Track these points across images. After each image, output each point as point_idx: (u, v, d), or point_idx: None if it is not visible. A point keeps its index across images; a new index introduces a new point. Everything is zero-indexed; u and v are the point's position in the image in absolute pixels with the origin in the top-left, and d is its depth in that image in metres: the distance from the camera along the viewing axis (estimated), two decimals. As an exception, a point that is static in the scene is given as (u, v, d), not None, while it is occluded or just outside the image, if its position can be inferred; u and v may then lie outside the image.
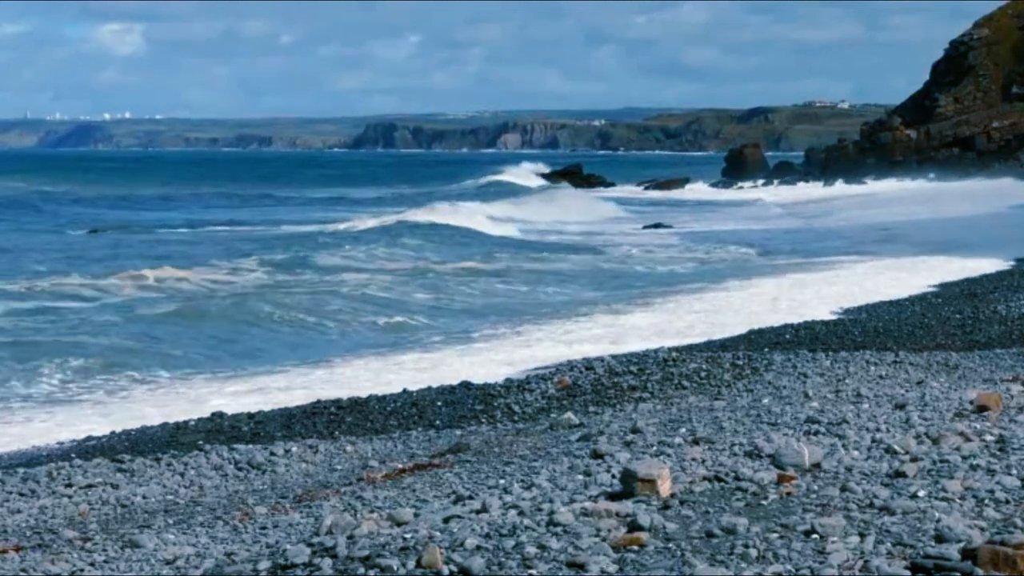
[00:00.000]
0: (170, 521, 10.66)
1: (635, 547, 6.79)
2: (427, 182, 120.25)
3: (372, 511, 9.47)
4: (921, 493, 7.58)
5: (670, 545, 6.81)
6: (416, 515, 8.27)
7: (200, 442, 14.49)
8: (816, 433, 10.24)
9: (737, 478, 8.22)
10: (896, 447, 8.98)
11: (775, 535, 6.85)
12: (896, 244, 43.28)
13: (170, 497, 11.97)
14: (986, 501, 7.38)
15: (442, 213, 58.65)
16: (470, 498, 9.03)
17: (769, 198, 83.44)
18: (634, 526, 7.08)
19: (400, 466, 12.28)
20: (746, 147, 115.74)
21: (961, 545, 6.33)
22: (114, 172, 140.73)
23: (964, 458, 8.54)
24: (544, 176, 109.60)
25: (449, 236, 48.85)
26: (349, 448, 13.84)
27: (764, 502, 7.65)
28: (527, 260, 40.04)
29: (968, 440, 9.18)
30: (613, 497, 7.91)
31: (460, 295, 30.91)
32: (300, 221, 63.54)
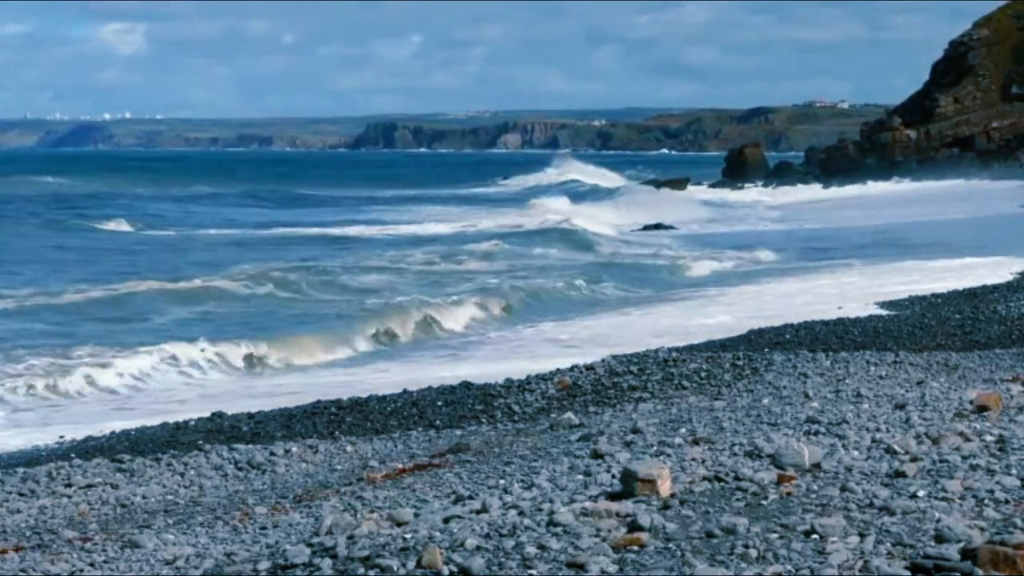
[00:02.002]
0: (170, 521, 10.66)
1: (635, 547, 6.79)
2: (470, 181, 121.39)
3: (372, 511, 9.47)
4: (921, 493, 7.58)
5: (670, 545, 6.80)
6: (416, 515, 8.27)
7: (200, 442, 14.49)
8: (816, 433, 10.24)
9: (737, 478, 8.22)
10: (896, 447, 8.98)
11: (775, 535, 6.84)
12: (897, 247, 43.29)
13: (170, 497, 11.97)
14: (986, 501, 7.38)
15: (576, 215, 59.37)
16: (470, 498, 9.02)
17: (769, 199, 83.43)
18: (634, 526, 7.08)
19: (400, 466, 12.28)
20: (746, 147, 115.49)
21: (961, 545, 6.33)
22: (149, 171, 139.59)
23: (964, 458, 8.53)
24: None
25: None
26: (349, 448, 13.84)
27: (764, 502, 7.65)
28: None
29: (968, 440, 9.18)
30: (613, 497, 7.91)
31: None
32: (401, 221, 64.40)
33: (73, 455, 14.21)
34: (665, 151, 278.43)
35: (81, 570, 8.87)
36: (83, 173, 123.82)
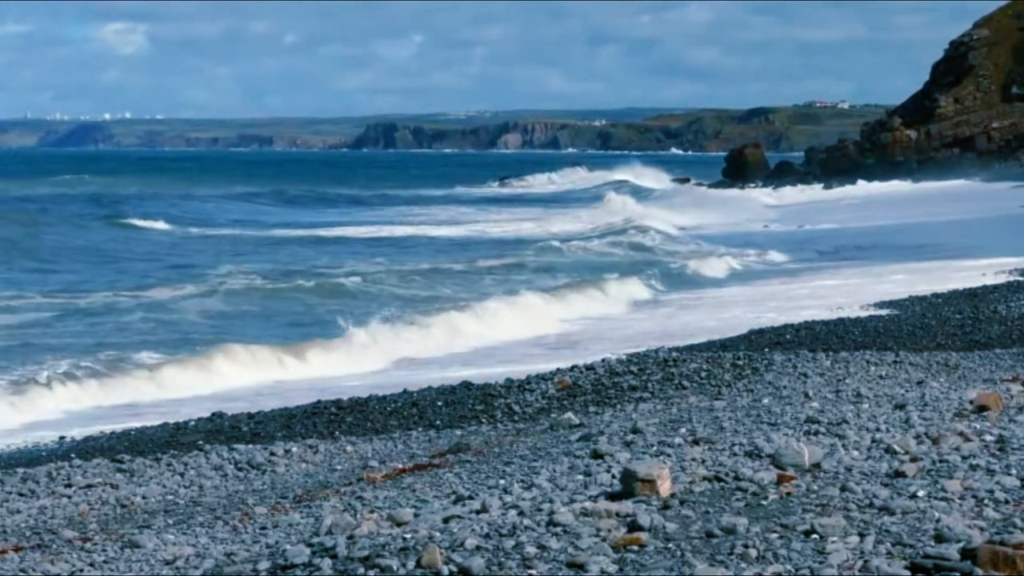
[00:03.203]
0: (170, 521, 10.66)
1: (635, 547, 6.79)
2: (495, 180, 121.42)
3: (372, 511, 9.47)
4: (921, 493, 7.58)
5: (670, 545, 6.81)
6: (416, 515, 8.27)
7: (200, 442, 14.49)
8: (816, 433, 10.24)
9: (737, 478, 8.22)
10: (896, 447, 8.98)
11: (775, 535, 6.85)
12: (897, 247, 43.29)
13: (170, 497, 11.97)
14: (986, 501, 7.38)
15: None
16: (470, 498, 9.02)
17: (769, 200, 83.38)
18: (634, 526, 7.09)
19: (400, 466, 12.28)
20: (746, 147, 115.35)
21: (961, 545, 6.33)
22: (179, 171, 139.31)
23: (964, 458, 8.54)
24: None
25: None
26: (349, 448, 13.84)
27: (764, 502, 7.65)
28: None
29: (968, 440, 9.18)
30: (613, 497, 7.91)
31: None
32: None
33: (73, 455, 14.20)
34: (678, 151, 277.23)
35: (81, 570, 8.87)
36: (109, 173, 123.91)
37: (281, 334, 24.62)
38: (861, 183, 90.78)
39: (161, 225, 56.43)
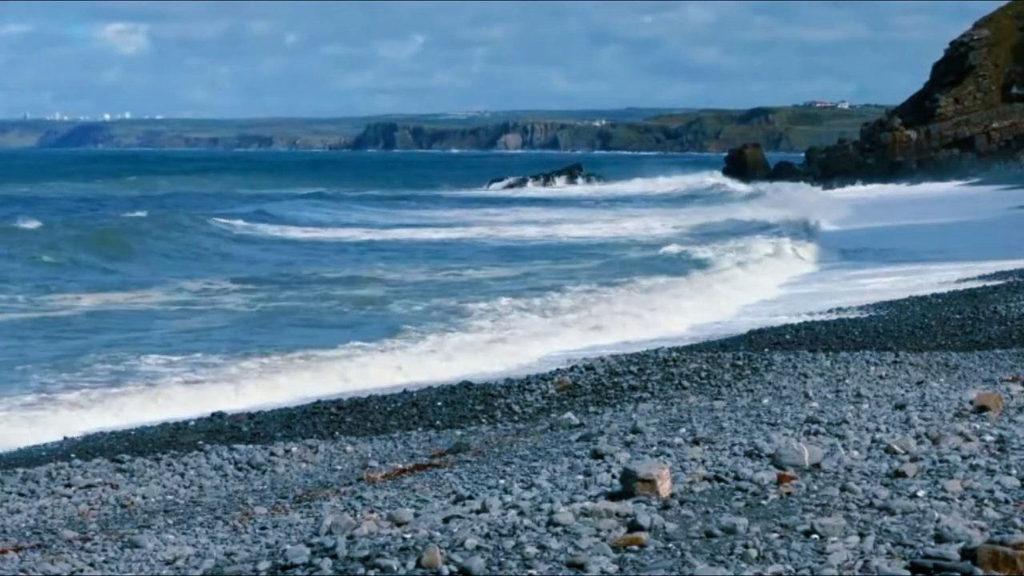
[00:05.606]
0: (170, 521, 10.66)
1: (635, 547, 6.79)
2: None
3: (372, 511, 9.47)
4: (921, 493, 7.58)
5: (670, 545, 6.81)
6: (416, 515, 8.27)
7: (200, 442, 14.49)
8: (816, 433, 10.23)
9: (737, 478, 8.22)
10: (896, 447, 8.97)
11: (775, 535, 6.85)
12: (897, 248, 43.31)
13: (170, 497, 11.97)
14: (986, 501, 7.38)
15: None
16: (470, 498, 9.02)
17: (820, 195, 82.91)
18: (634, 526, 7.09)
19: (400, 466, 12.29)
20: (747, 148, 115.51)
21: (961, 545, 6.33)
22: (229, 172, 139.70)
23: (964, 458, 8.54)
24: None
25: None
26: (349, 448, 13.85)
27: (764, 502, 7.65)
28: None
29: (968, 440, 9.18)
30: (613, 497, 7.91)
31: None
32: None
33: (73, 455, 14.20)
34: (692, 153, 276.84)
35: (81, 570, 8.87)
36: (145, 174, 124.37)
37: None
38: (861, 183, 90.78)
39: (349, 232, 55.75)
